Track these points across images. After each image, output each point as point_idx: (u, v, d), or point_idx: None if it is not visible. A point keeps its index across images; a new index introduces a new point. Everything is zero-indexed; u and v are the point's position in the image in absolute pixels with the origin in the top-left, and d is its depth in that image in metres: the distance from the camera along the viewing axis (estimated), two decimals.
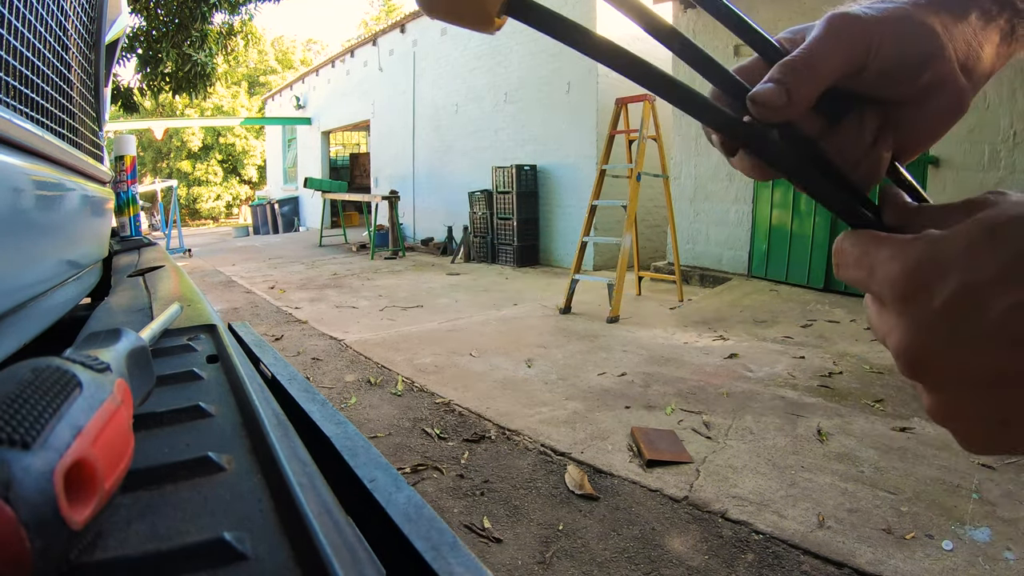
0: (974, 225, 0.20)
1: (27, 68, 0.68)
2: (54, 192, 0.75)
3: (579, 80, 7.32)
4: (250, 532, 0.28)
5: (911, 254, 0.21)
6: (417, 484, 2.20)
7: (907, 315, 0.21)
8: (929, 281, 0.20)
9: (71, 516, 0.22)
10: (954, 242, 0.20)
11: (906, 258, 0.21)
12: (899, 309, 0.21)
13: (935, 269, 0.20)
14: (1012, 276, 0.18)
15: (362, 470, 0.43)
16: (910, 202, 0.26)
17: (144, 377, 0.38)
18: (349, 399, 3.07)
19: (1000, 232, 0.19)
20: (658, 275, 6.07)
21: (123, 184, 2.35)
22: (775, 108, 0.26)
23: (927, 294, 0.20)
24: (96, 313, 0.80)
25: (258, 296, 5.94)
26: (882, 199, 0.27)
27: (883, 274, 0.22)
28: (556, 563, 1.75)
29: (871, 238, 0.23)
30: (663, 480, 2.18)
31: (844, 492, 2.05)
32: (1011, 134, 4.30)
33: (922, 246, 0.21)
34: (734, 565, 1.71)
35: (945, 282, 0.20)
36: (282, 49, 29.45)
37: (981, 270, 0.19)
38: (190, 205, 24.49)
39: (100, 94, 1.29)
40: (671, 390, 3.10)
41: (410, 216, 10.87)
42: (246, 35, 8.14)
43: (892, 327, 0.22)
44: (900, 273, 0.21)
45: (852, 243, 0.24)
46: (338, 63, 13.74)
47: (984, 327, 0.19)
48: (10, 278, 0.58)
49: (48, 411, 0.23)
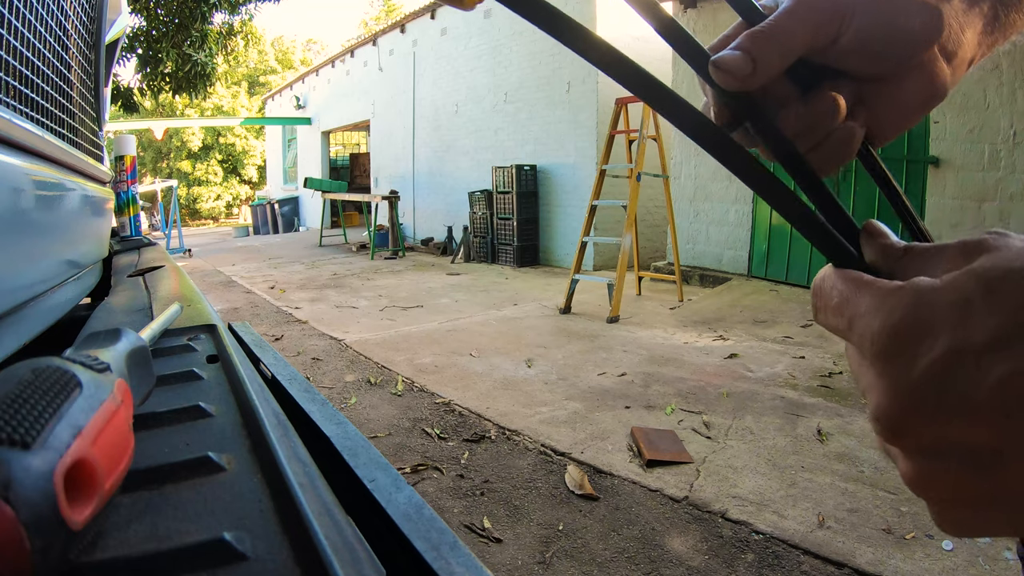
0: (968, 277, 0.17)
1: (27, 68, 0.68)
2: (54, 192, 0.75)
3: (579, 80, 7.32)
4: (250, 532, 0.28)
5: (895, 307, 0.18)
6: (417, 484, 2.20)
7: (888, 376, 0.18)
8: (914, 341, 0.18)
9: (71, 516, 0.22)
10: (944, 296, 0.18)
11: (890, 312, 0.19)
12: (879, 369, 0.19)
13: (921, 327, 0.18)
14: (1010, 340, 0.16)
15: (362, 470, 0.43)
16: (896, 242, 0.23)
17: (144, 377, 0.38)
18: (349, 399, 3.07)
19: (998, 288, 0.17)
20: (658, 275, 6.07)
21: (123, 184, 2.35)
22: (739, 77, 0.25)
23: (911, 356, 0.18)
24: (96, 313, 0.80)
25: (258, 296, 5.94)
26: (864, 235, 0.24)
27: (863, 327, 0.19)
28: (556, 563, 1.75)
29: (852, 282, 0.21)
30: (663, 480, 2.18)
31: (844, 492, 2.05)
32: (1011, 134, 4.30)
33: (908, 298, 0.18)
34: (734, 565, 1.71)
35: (932, 343, 0.17)
36: (282, 49, 29.46)
37: (975, 332, 0.17)
38: (190, 205, 24.49)
39: (100, 94, 1.29)
40: (671, 390, 3.10)
41: (410, 216, 10.87)
42: (246, 35, 8.14)
43: (872, 385, 0.19)
44: (881, 329, 0.19)
45: (831, 285, 0.22)
46: (338, 63, 13.74)
47: (974, 397, 0.17)
48: (10, 278, 0.58)
49: (48, 411, 0.23)
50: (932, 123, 4.71)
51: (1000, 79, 4.29)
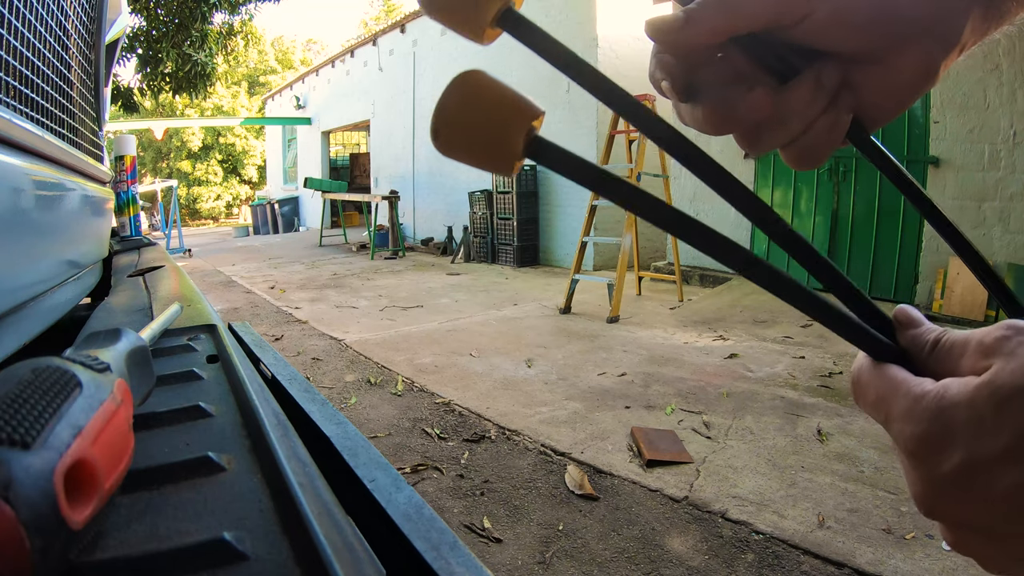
0: (980, 393, 0.20)
1: (27, 68, 0.68)
2: (54, 192, 0.75)
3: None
4: (250, 532, 0.28)
5: (923, 417, 0.21)
6: (417, 484, 2.20)
7: (919, 471, 0.22)
8: (936, 450, 0.21)
9: (71, 516, 0.22)
10: (961, 413, 0.20)
11: (918, 421, 0.21)
12: (912, 464, 0.22)
13: (943, 438, 0.20)
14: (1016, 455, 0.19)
15: (362, 470, 0.43)
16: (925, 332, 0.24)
17: (144, 377, 0.38)
18: (349, 399, 3.07)
19: (1005, 407, 0.19)
20: (658, 275, 6.07)
21: (123, 184, 2.35)
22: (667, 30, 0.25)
23: (936, 460, 0.21)
24: (96, 313, 0.80)
25: (258, 296, 5.94)
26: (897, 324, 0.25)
27: (897, 431, 0.22)
28: (556, 563, 1.75)
29: (888, 383, 0.23)
30: (663, 480, 2.18)
31: (844, 492, 2.05)
32: (1011, 134, 4.30)
33: (932, 410, 0.21)
34: (734, 565, 1.71)
35: (952, 453, 0.20)
36: (282, 49, 29.45)
37: (985, 446, 0.19)
38: (190, 205, 24.49)
39: (100, 94, 1.29)
40: (671, 390, 3.10)
41: (410, 216, 10.87)
42: (246, 35, 8.15)
43: (907, 472, 0.23)
44: (911, 436, 0.21)
45: (868, 381, 0.24)
46: (338, 63, 13.74)
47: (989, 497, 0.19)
48: (10, 278, 0.58)
49: (48, 411, 0.23)
50: (932, 123, 4.71)
51: (1000, 79, 4.29)
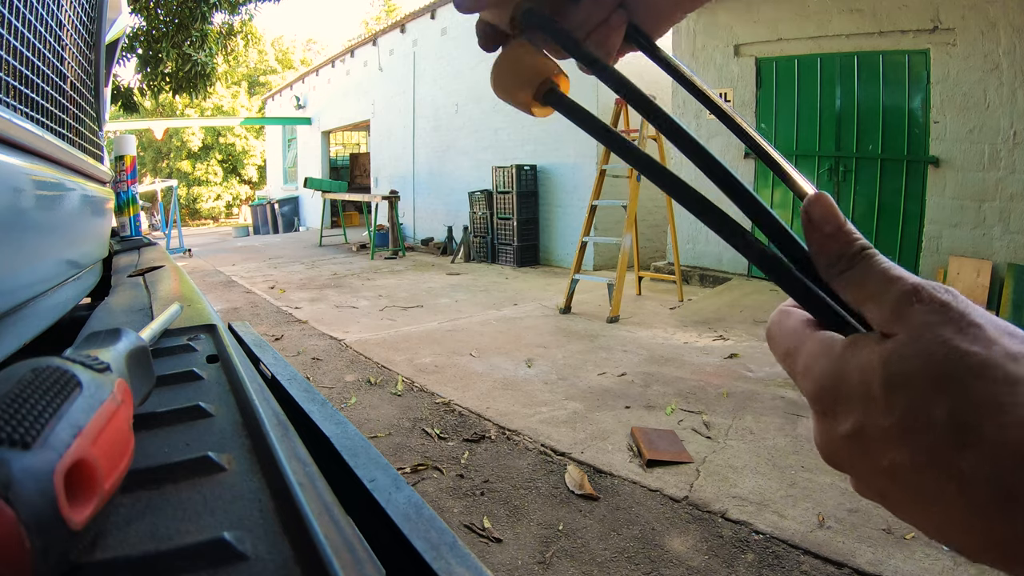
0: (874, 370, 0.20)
1: (27, 68, 0.68)
2: (54, 192, 0.75)
3: (579, 80, 7.31)
4: (250, 532, 0.28)
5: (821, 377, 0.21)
6: (417, 484, 2.20)
7: (820, 425, 0.22)
8: (834, 412, 0.21)
9: (71, 516, 0.22)
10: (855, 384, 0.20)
11: (816, 379, 0.22)
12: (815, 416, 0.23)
13: (838, 400, 0.21)
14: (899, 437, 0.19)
15: (362, 470, 0.43)
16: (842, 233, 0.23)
17: (144, 377, 0.38)
18: (349, 399, 3.07)
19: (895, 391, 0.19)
20: (658, 275, 6.07)
21: (123, 184, 2.35)
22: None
23: (832, 420, 0.21)
24: (96, 313, 0.80)
25: (258, 296, 5.94)
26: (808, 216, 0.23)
27: (801, 384, 0.23)
28: (556, 563, 1.75)
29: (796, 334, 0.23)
30: (663, 480, 2.18)
31: (844, 492, 2.04)
32: (1011, 134, 4.30)
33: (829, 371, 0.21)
34: (734, 565, 1.71)
35: (847, 418, 0.21)
36: (282, 49, 29.44)
37: (875, 420, 0.20)
38: (190, 205, 24.48)
39: (100, 94, 1.29)
40: (671, 390, 3.10)
41: (410, 216, 10.87)
42: (246, 35, 8.14)
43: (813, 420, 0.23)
44: (811, 393, 0.22)
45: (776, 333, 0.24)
46: (338, 63, 13.73)
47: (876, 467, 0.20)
48: (10, 278, 0.58)
49: (48, 411, 0.23)
50: (932, 123, 4.70)
51: (1000, 79, 4.29)
